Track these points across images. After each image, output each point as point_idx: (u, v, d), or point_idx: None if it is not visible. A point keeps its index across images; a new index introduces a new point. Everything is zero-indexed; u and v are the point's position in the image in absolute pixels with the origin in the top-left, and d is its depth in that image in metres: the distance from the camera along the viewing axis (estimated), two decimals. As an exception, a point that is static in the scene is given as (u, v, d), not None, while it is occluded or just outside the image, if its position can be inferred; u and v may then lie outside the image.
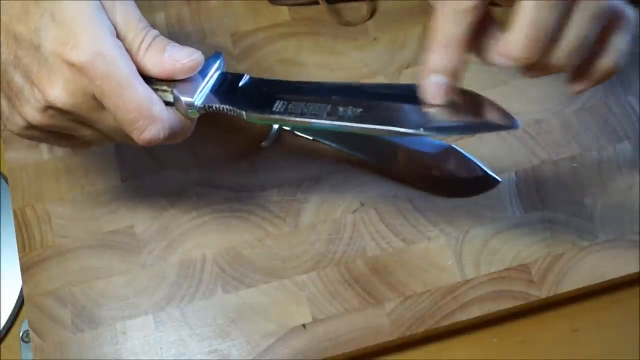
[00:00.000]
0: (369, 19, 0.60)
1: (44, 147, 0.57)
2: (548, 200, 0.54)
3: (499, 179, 0.55)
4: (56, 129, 0.40)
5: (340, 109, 0.38)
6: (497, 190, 0.55)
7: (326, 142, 0.55)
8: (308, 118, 0.38)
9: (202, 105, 0.40)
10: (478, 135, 0.56)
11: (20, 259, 0.54)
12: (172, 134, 0.40)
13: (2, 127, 0.42)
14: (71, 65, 0.36)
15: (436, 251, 0.53)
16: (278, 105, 0.39)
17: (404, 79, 0.58)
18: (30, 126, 0.40)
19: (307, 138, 0.55)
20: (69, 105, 0.38)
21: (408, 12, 0.60)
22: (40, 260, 0.53)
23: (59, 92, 0.37)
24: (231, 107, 0.40)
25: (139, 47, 0.39)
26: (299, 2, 0.60)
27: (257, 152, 0.56)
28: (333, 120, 0.38)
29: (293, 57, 0.59)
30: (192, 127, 0.42)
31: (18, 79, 0.38)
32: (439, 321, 0.51)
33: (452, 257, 0.53)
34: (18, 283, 0.55)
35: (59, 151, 0.57)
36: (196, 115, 0.41)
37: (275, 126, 0.55)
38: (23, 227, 0.54)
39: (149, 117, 0.38)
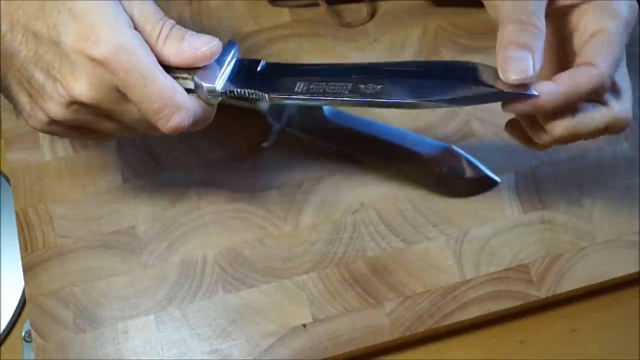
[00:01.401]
0: (369, 20, 0.60)
1: (45, 148, 0.57)
2: (547, 200, 0.54)
3: (498, 179, 0.55)
4: (79, 124, 0.41)
5: (362, 86, 0.39)
6: (496, 191, 0.55)
7: (327, 142, 0.55)
8: (330, 97, 0.39)
9: (224, 90, 0.41)
10: (478, 136, 0.56)
11: (22, 259, 0.54)
12: (196, 121, 0.40)
13: (24, 123, 0.42)
14: (93, 60, 0.37)
15: (436, 251, 0.53)
16: (299, 85, 0.40)
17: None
18: (53, 121, 0.40)
19: (307, 138, 0.55)
20: (93, 99, 0.38)
21: (408, 13, 0.60)
22: (42, 261, 0.54)
23: (83, 86, 0.37)
24: (253, 91, 0.41)
25: (158, 38, 0.39)
26: (299, 4, 0.61)
27: (257, 153, 0.56)
28: (355, 98, 0.39)
29: (294, 58, 0.59)
30: (213, 113, 0.42)
31: (39, 75, 0.38)
32: (438, 321, 0.51)
33: (452, 257, 0.53)
34: (20, 283, 0.55)
35: (61, 152, 0.57)
36: (217, 101, 0.41)
37: (276, 126, 0.55)
38: (25, 228, 0.55)
39: (173, 105, 0.38)
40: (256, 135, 0.56)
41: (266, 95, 0.41)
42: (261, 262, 0.53)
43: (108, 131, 0.42)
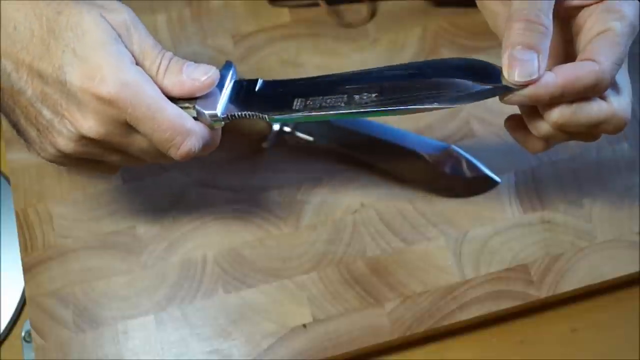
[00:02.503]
0: (369, 20, 0.60)
1: (45, 148, 0.57)
2: (547, 200, 0.54)
3: (498, 179, 0.55)
4: (88, 156, 0.41)
5: (356, 96, 0.40)
6: (496, 191, 0.55)
7: (326, 143, 0.55)
8: (327, 111, 0.40)
9: (225, 115, 0.41)
10: (478, 136, 0.56)
11: (22, 259, 0.54)
12: (206, 145, 0.41)
13: (35, 154, 0.43)
14: (100, 98, 0.38)
15: (436, 252, 0.53)
16: (297, 103, 0.41)
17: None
18: (63, 155, 0.41)
19: (307, 139, 0.55)
20: (102, 135, 0.39)
21: (408, 13, 0.60)
22: (42, 261, 0.54)
23: (91, 123, 0.38)
24: (253, 112, 0.41)
25: (157, 72, 0.40)
26: (299, 4, 0.61)
27: (257, 153, 0.56)
28: (351, 109, 0.40)
29: (293, 58, 0.59)
30: (219, 135, 0.43)
31: (46, 112, 0.39)
32: (438, 321, 0.51)
33: (452, 257, 0.53)
34: (20, 283, 0.55)
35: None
36: (220, 125, 0.42)
37: (276, 127, 0.55)
38: (25, 228, 0.55)
39: (184, 132, 0.39)
40: (256, 135, 0.56)
41: (266, 116, 0.41)
42: (261, 262, 0.53)
43: (116, 163, 0.43)
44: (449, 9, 0.60)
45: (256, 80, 0.43)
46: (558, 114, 0.38)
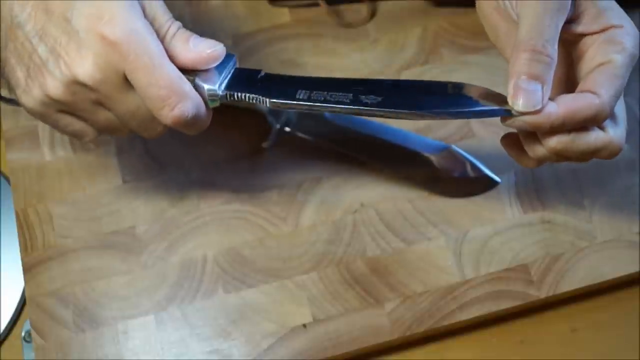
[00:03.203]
0: (369, 20, 0.60)
1: (45, 148, 0.57)
2: (547, 200, 0.54)
3: (498, 179, 0.55)
4: (72, 109, 0.40)
5: (362, 97, 0.40)
6: (496, 191, 0.55)
7: (327, 143, 0.55)
8: (332, 104, 0.40)
9: (224, 94, 0.41)
10: (478, 136, 0.56)
11: (22, 259, 0.54)
12: (197, 117, 0.40)
13: (16, 99, 0.41)
14: (104, 39, 0.37)
15: (436, 252, 0.53)
16: (300, 93, 0.41)
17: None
18: (47, 101, 0.39)
19: (307, 139, 0.55)
20: (95, 81, 0.38)
21: (408, 13, 0.60)
22: (42, 261, 0.54)
23: (88, 65, 0.37)
24: (254, 95, 0.41)
25: (165, 36, 0.39)
26: (299, 4, 0.61)
27: (257, 153, 0.56)
28: (356, 106, 0.40)
29: (294, 58, 0.59)
30: (210, 117, 0.42)
31: (42, 50, 0.38)
32: (438, 321, 0.51)
33: (452, 257, 0.53)
34: (20, 283, 0.55)
35: (61, 152, 0.57)
36: (215, 105, 0.42)
37: (276, 127, 0.55)
38: (25, 228, 0.55)
39: (180, 93, 0.39)
40: (256, 135, 0.56)
41: (267, 100, 0.41)
42: (261, 262, 0.53)
43: (99, 123, 0.42)
44: (449, 9, 0.60)
45: (259, 71, 0.43)
46: (556, 141, 0.39)
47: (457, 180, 0.55)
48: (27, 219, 0.55)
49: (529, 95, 0.38)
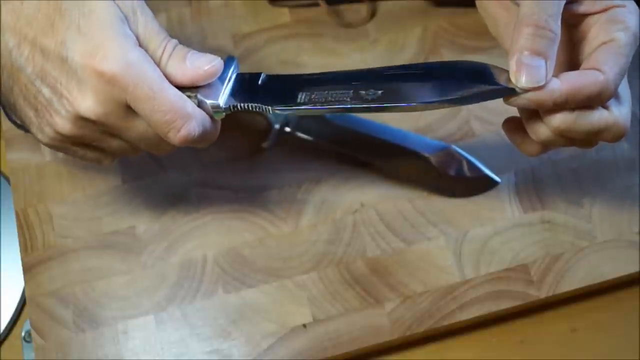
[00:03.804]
0: (369, 20, 0.60)
1: (45, 148, 0.57)
2: (547, 200, 0.54)
3: (498, 179, 0.55)
4: (85, 140, 0.41)
5: (362, 92, 0.40)
6: (496, 191, 0.55)
7: (326, 143, 0.55)
8: (333, 105, 0.40)
9: (227, 106, 0.41)
10: (478, 136, 0.56)
11: (22, 259, 0.54)
12: (205, 133, 0.41)
13: (33, 136, 0.43)
14: (101, 75, 0.37)
15: (436, 251, 0.53)
16: (301, 96, 0.41)
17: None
18: (59, 137, 0.41)
19: (307, 139, 0.55)
20: (100, 115, 0.38)
21: (408, 13, 0.60)
22: (42, 261, 0.54)
23: (90, 102, 0.38)
24: (256, 104, 0.41)
25: (161, 57, 0.40)
26: (299, 4, 0.61)
27: (257, 153, 0.56)
28: (357, 104, 0.40)
29: (294, 58, 0.59)
30: (218, 128, 0.43)
31: (45, 91, 0.39)
32: (438, 321, 0.51)
33: (452, 257, 0.53)
34: (20, 283, 0.55)
35: (61, 152, 0.57)
36: (221, 117, 0.42)
37: (276, 127, 0.55)
38: (25, 228, 0.55)
39: (184, 115, 0.39)
40: (256, 135, 0.56)
41: (270, 108, 0.41)
42: (261, 262, 0.53)
43: (112, 149, 0.43)
44: (449, 9, 0.60)
45: (259, 74, 0.43)
46: (560, 120, 0.39)
47: (457, 180, 0.55)
48: (27, 219, 0.55)
49: (532, 71, 0.37)
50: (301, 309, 0.52)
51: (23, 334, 0.54)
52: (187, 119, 0.39)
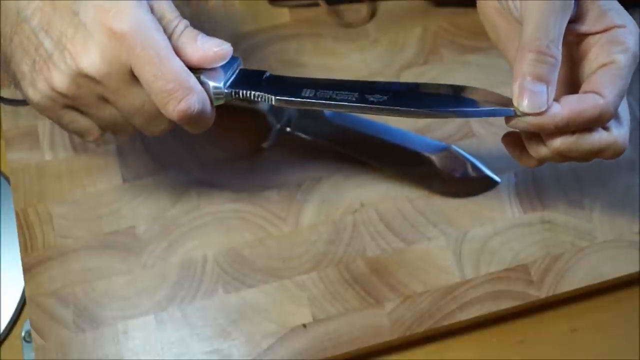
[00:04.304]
0: (369, 20, 0.60)
1: (45, 148, 0.57)
2: (547, 200, 0.54)
3: (498, 179, 0.55)
4: (77, 104, 0.40)
5: (368, 96, 0.40)
6: (496, 191, 0.55)
7: (326, 142, 0.55)
8: (337, 102, 0.40)
9: (230, 91, 0.41)
10: (478, 136, 0.56)
11: (22, 259, 0.54)
12: (203, 113, 0.40)
13: (17, 99, 0.42)
14: (112, 32, 0.37)
15: (436, 251, 0.53)
16: (306, 92, 0.41)
17: (404, 80, 0.58)
18: (52, 94, 0.39)
19: (307, 139, 0.55)
20: (101, 73, 0.38)
21: (408, 13, 0.60)
22: (42, 261, 0.54)
23: (93, 58, 0.38)
24: (259, 93, 0.41)
25: (173, 33, 0.40)
26: (299, 4, 0.61)
27: (257, 153, 0.56)
28: (362, 104, 0.40)
29: (294, 58, 0.59)
30: (214, 115, 0.42)
31: (48, 44, 0.38)
32: (438, 321, 0.51)
33: (452, 257, 0.53)
34: (20, 283, 0.55)
35: (61, 152, 0.57)
36: (221, 102, 0.42)
37: (276, 127, 0.55)
38: (25, 228, 0.55)
39: (187, 87, 0.39)
40: (256, 135, 0.56)
41: (273, 98, 0.41)
42: (261, 262, 0.53)
43: (103, 120, 0.41)
44: (449, 9, 0.60)
45: (264, 72, 0.43)
46: (560, 142, 0.39)
47: (457, 180, 0.55)
48: (27, 219, 0.55)
49: (534, 97, 0.38)
50: (301, 309, 0.52)
51: (23, 334, 0.54)
52: (188, 92, 0.39)
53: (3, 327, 0.55)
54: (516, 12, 0.41)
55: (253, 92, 0.41)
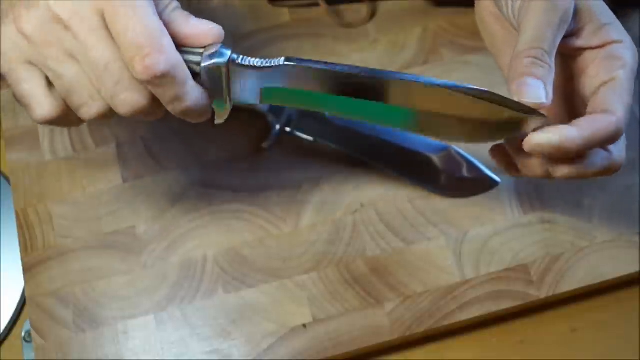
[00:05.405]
0: (369, 20, 0.60)
1: (45, 148, 0.57)
2: (547, 200, 0.54)
3: (498, 179, 0.55)
4: (41, 57, 0.38)
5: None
6: (496, 191, 0.55)
7: (326, 143, 0.55)
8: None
9: (226, 62, 0.41)
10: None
11: (22, 259, 0.54)
12: (176, 83, 0.38)
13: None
14: None
15: (436, 251, 0.53)
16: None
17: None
18: (18, 40, 0.38)
19: (307, 139, 0.55)
20: (72, 16, 0.36)
21: (408, 13, 0.61)
22: (42, 261, 0.54)
23: None
24: (260, 60, 0.42)
25: (164, 9, 0.39)
26: (299, 4, 0.61)
27: (258, 153, 0.56)
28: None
29: (293, 58, 0.59)
30: (205, 100, 0.41)
31: None
32: (438, 321, 0.51)
33: (452, 257, 0.53)
34: (20, 283, 0.55)
35: (61, 152, 0.57)
36: (220, 74, 0.41)
37: (276, 127, 0.55)
38: (25, 228, 0.55)
39: (157, 45, 0.37)
40: (256, 135, 0.56)
41: (277, 60, 0.41)
42: (261, 262, 0.53)
43: (65, 79, 0.38)
44: (449, 9, 0.60)
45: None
46: (567, 170, 0.40)
47: (457, 180, 0.55)
48: (27, 219, 0.55)
49: (533, 89, 0.38)
50: (301, 309, 0.52)
51: (23, 334, 0.54)
52: (157, 50, 0.36)
53: (3, 327, 0.55)
54: (513, 19, 0.41)
55: (254, 60, 0.41)
